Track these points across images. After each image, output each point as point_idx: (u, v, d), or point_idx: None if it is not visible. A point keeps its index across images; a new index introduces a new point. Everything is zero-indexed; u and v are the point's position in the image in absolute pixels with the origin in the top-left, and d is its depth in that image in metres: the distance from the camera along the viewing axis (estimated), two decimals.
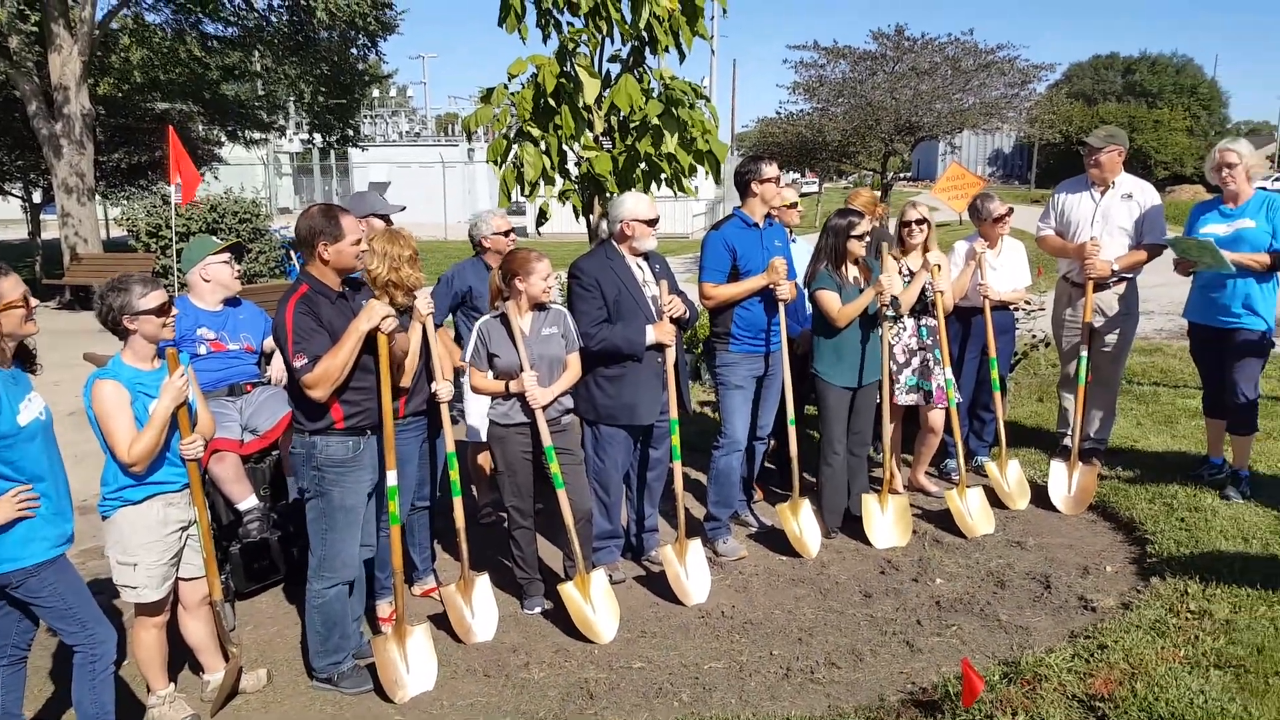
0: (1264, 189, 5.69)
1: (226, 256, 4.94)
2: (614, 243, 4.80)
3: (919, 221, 5.77)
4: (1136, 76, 68.24)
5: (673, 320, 4.76)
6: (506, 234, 5.46)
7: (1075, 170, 6.20)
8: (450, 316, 5.58)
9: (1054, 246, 6.18)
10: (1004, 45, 20.28)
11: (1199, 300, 5.77)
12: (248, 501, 4.78)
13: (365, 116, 39.05)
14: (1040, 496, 5.86)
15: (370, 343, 3.80)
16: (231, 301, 5.00)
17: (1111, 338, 6.02)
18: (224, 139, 23.19)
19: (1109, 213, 5.89)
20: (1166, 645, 3.94)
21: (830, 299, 5.15)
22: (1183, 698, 3.55)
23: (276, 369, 5.14)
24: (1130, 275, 5.97)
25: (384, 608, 4.57)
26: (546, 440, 4.37)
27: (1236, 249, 5.43)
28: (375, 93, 37.96)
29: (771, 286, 5.04)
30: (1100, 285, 5.90)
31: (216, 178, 23.25)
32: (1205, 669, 3.75)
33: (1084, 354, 5.89)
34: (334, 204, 3.95)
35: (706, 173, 5.66)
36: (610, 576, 4.69)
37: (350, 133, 22.07)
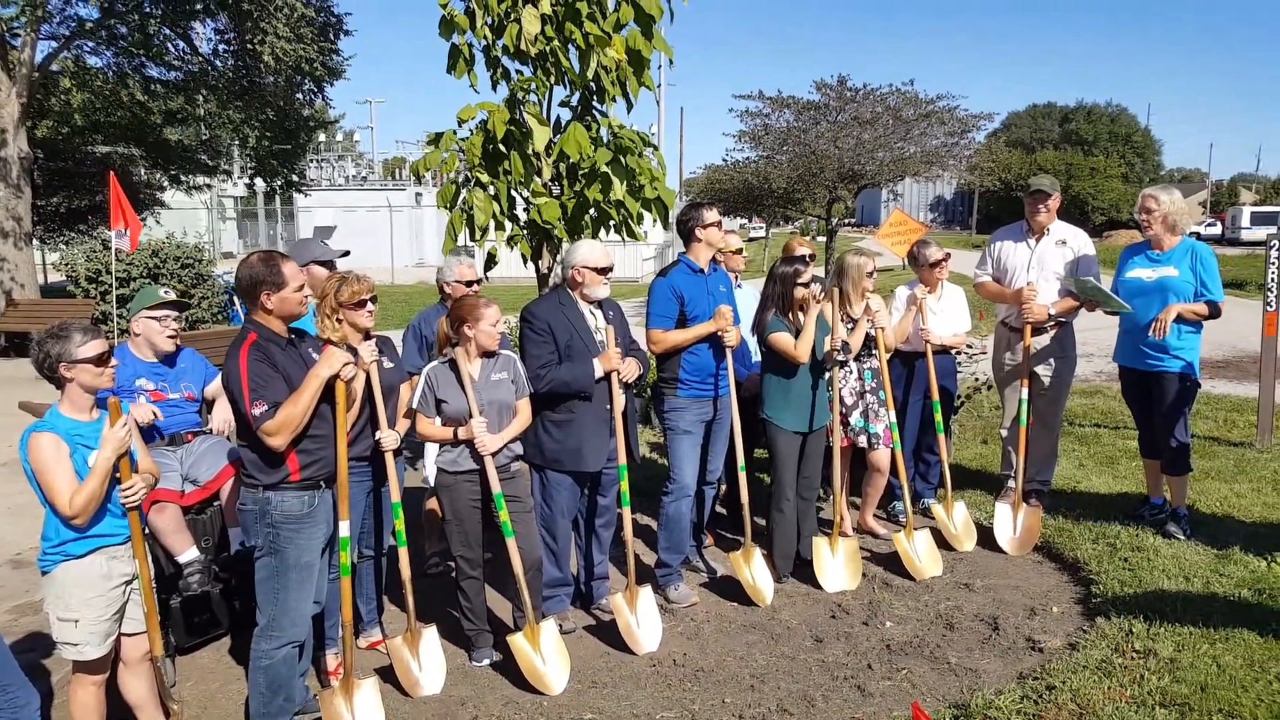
0: (1197, 234, 5.88)
1: (161, 312, 4.83)
2: (567, 288, 4.81)
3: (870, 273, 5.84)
4: (1073, 125, 70.62)
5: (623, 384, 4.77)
6: (469, 284, 5.40)
7: (1015, 216, 6.37)
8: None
9: (991, 292, 6.32)
10: (944, 95, 20.81)
11: (1125, 344, 5.95)
12: (189, 553, 4.65)
13: (311, 161, 38.82)
14: (986, 538, 5.93)
15: (326, 390, 3.75)
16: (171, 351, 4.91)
17: (1050, 380, 6.15)
18: (166, 183, 22.89)
19: (1044, 259, 6.05)
20: (1113, 685, 3.99)
21: (785, 340, 5.20)
22: None
23: (218, 418, 5.03)
24: (1066, 319, 6.12)
25: (331, 660, 4.46)
26: (496, 488, 4.33)
27: (1162, 296, 5.62)
28: (322, 137, 37.75)
29: (719, 333, 5.08)
30: (1038, 329, 6.04)
31: (158, 222, 22.90)
32: (1151, 708, 3.80)
33: (1024, 396, 6.02)
34: (275, 250, 3.89)
35: (654, 219, 5.71)
36: (560, 626, 4.63)
37: (295, 178, 21.90)
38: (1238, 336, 13.18)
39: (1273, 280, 7.92)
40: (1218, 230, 52.08)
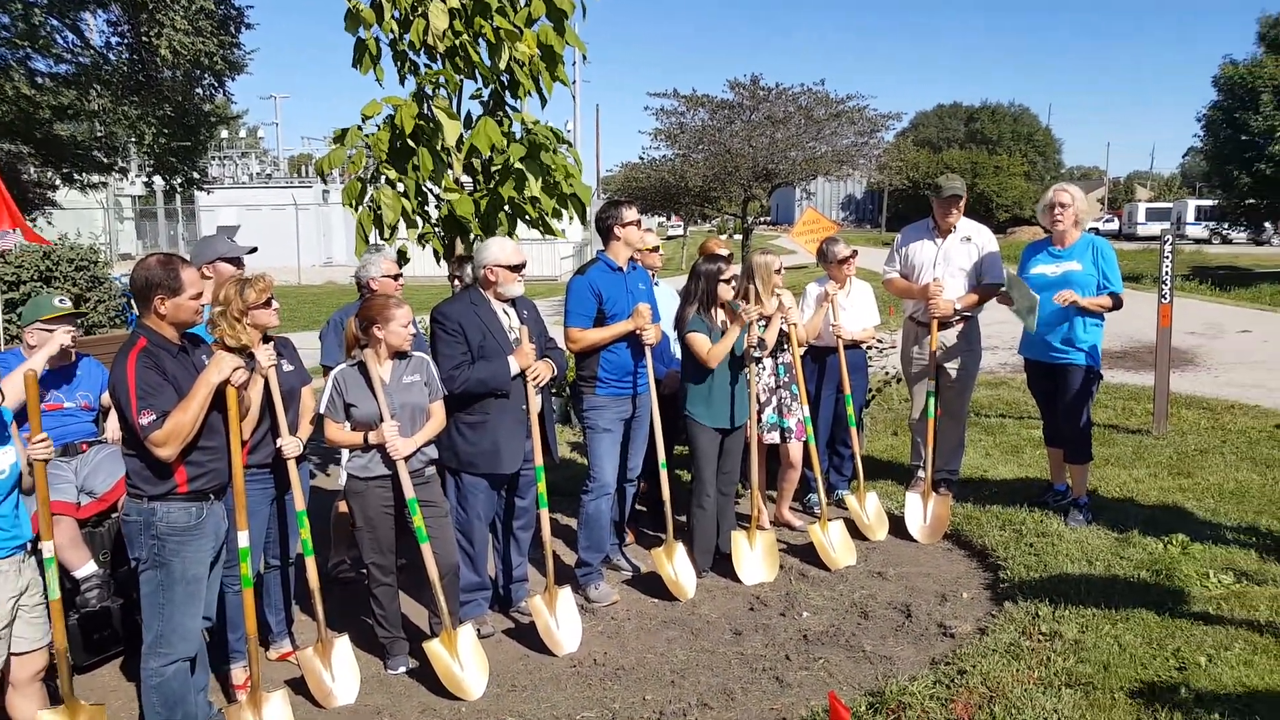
0: (1096, 230, 6.09)
1: (56, 325, 4.64)
2: (479, 288, 4.74)
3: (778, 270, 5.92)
4: (978, 124, 72.37)
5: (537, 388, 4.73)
6: (395, 278, 5.31)
7: (924, 214, 6.51)
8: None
9: (899, 288, 6.45)
10: (854, 95, 21.24)
11: (1031, 337, 6.11)
12: (86, 568, 4.47)
13: (214, 158, 37.65)
14: (898, 527, 6.04)
15: (217, 398, 3.62)
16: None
17: (957, 373, 6.30)
18: (59, 182, 21.90)
19: (949, 255, 6.20)
20: (1021, 667, 4.10)
21: (701, 341, 5.22)
22: (1038, 717, 3.70)
23: (113, 427, 4.84)
24: (971, 314, 6.28)
25: (238, 674, 4.32)
26: (409, 493, 4.24)
27: (1065, 288, 5.78)
28: (224, 134, 36.62)
29: (637, 331, 5.08)
30: (944, 324, 6.18)
31: (50, 223, 21.91)
32: (1057, 689, 3.91)
33: (932, 389, 6.15)
34: (174, 254, 3.74)
35: (571, 216, 5.68)
36: (478, 630, 4.57)
37: (195, 176, 21.17)
38: (1134, 328, 13.70)
39: (1166, 274, 8.25)
40: (1115, 226, 54.14)
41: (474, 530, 4.77)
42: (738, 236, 27.05)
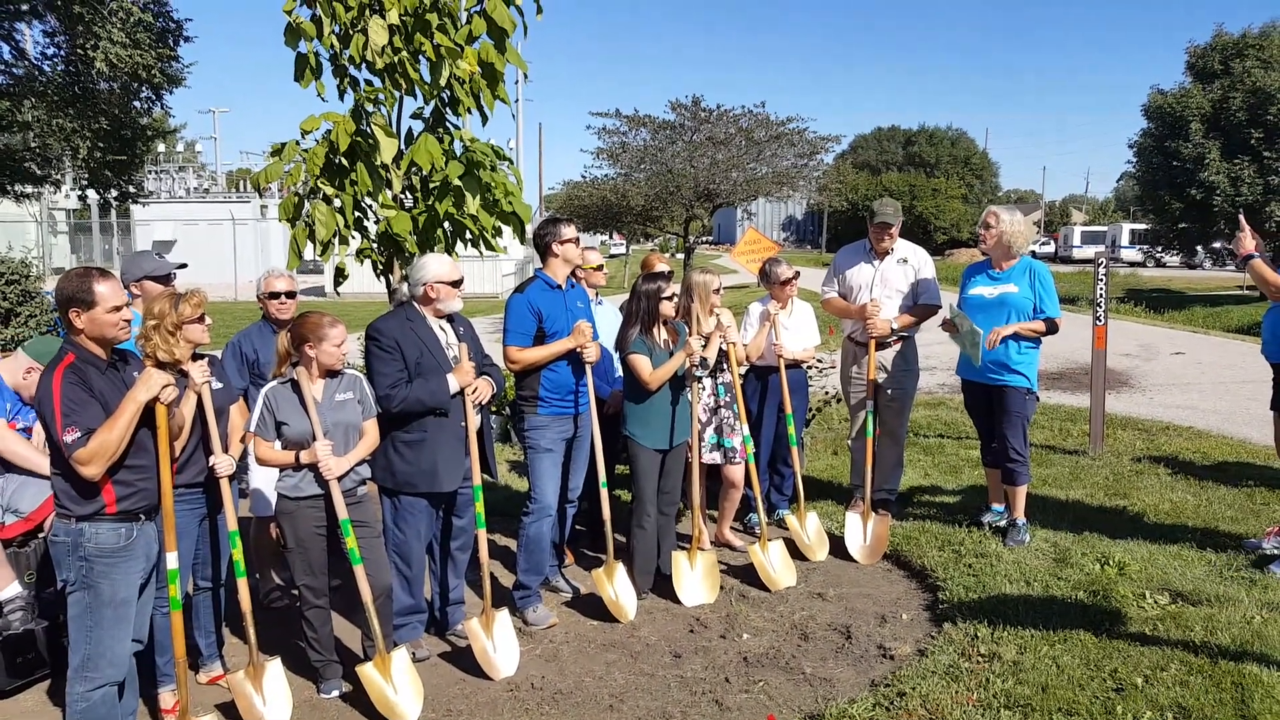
0: (1033, 252, 6.17)
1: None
2: (415, 304, 4.67)
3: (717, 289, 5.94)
4: (916, 148, 73.46)
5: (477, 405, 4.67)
6: (276, 295, 5.23)
7: (862, 235, 6.57)
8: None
9: (837, 308, 6.51)
10: (794, 117, 21.50)
11: (969, 359, 6.18)
12: (9, 589, 4.36)
13: (150, 172, 36.95)
14: (838, 547, 6.05)
15: (147, 415, 3.53)
16: None
17: (895, 392, 6.35)
18: None
19: (886, 276, 6.27)
20: (960, 689, 4.11)
21: (643, 363, 5.20)
22: None
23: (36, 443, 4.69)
24: (909, 334, 6.34)
25: (167, 698, 4.20)
26: (342, 513, 4.15)
27: (1003, 311, 5.88)
28: (161, 147, 35.94)
29: (578, 350, 5.04)
30: (882, 344, 6.24)
31: None
32: (996, 710, 3.93)
33: (870, 409, 6.20)
34: (94, 268, 3.63)
35: (514, 233, 5.64)
36: (413, 654, 4.48)
37: (131, 189, 20.72)
38: (1071, 349, 13.95)
39: (1101, 296, 8.42)
40: (1051, 249, 55.40)
41: (411, 552, 4.68)
42: (680, 255, 27.22)
